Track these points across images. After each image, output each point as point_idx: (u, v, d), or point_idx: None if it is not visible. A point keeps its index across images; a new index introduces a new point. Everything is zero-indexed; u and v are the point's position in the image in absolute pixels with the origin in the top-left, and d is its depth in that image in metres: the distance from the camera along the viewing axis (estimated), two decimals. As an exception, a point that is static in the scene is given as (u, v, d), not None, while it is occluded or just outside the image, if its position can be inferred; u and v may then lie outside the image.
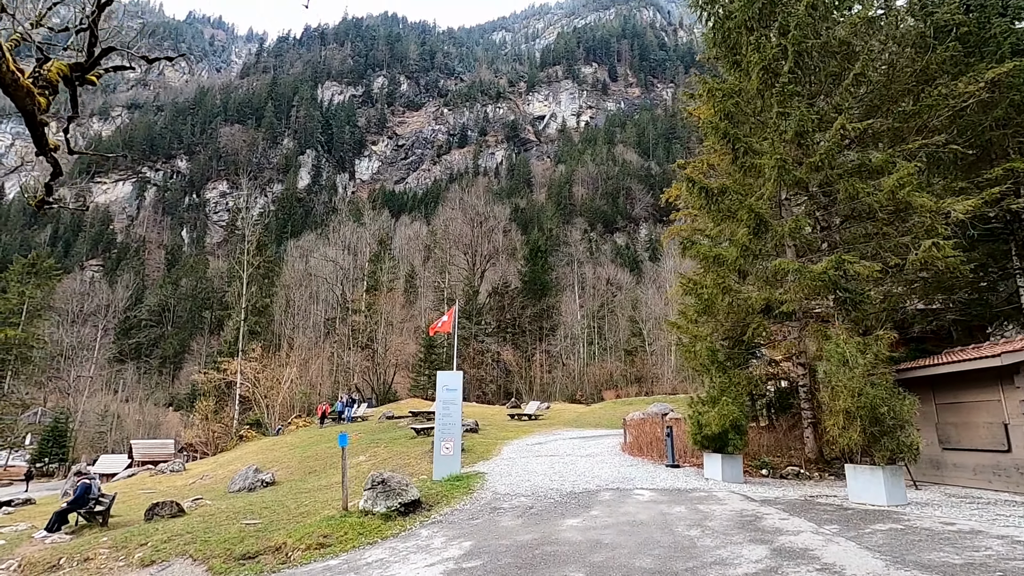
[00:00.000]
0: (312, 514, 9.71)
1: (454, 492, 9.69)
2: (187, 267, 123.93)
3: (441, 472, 10.78)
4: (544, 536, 7.00)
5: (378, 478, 8.91)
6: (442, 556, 6.63)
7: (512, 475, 11.16)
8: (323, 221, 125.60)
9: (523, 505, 8.76)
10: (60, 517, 12.31)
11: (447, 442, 10.89)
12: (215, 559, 8.19)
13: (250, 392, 35.92)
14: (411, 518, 8.57)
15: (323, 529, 8.28)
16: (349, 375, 50.52)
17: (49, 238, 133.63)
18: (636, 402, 37.56)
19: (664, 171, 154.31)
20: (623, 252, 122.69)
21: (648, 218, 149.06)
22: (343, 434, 9.86)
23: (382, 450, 18.05)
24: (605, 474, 11.14)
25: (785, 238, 12.16)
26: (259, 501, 12.82)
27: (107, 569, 8.86)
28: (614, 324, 64.14)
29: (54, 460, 40.06)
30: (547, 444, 17.93)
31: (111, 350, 71.13)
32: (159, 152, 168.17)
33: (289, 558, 7.70)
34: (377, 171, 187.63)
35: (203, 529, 9.94)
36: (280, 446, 25.55)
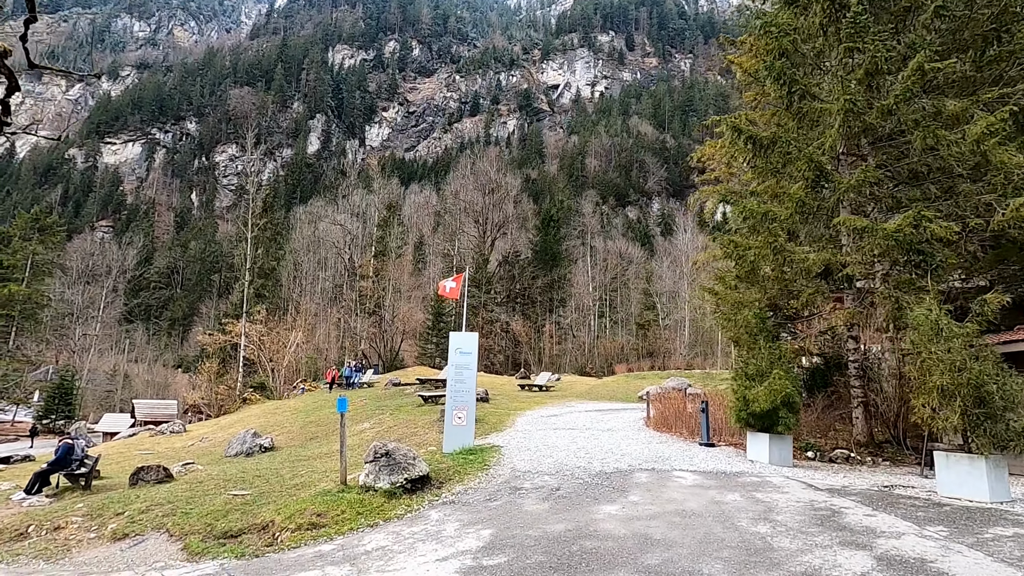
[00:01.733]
0: (307, 486, 8.61)
1: (468, 467, 8.53)
2: (196, 230, 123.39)
3: (452, 444, 9.64)
4: (579, 527, 5.80)
5: (381, 449, 7.75)
6: (456, 547, 5.47)
7: (531, 449, 10.00)
8: (332, 187, 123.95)
9: (548, 486, 7.58)
10: (40, 478, 11.40)
11: (460, 411, 9.71)
12: (193, 536, 7.11)
13: (255, 355, 35.15)
14: (419, 496, 7.43)
15: (317, 506, 7.16)
16: (356, 341, 49.78)
17: (60, 197, 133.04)
18: (650, 376, 36.42)
19: (680, 144, 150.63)
20: (635, 226, 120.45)
21: (661, 192, 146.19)
22: (342, 398, 8.70)
23: (387, 417, 17.03)
24: (634, 451, 9.95)
25: (847, 193, 10.64)
26: (253, 468, 11.83)
27: (75, 541, 7.84)
28: (626, 297, 62.78)
29: (60, 417, 39.85)
30: (563, 416, 16.82)
31: (120, 310, 70.90)
32: (168, 113, 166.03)
33: (276, 539, 6.59)
34: (387, 138, 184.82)
35: (187, 499, 8.91)
36: (283, 410, 24.74)
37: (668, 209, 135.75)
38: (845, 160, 11.70)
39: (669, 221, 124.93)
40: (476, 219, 58.93)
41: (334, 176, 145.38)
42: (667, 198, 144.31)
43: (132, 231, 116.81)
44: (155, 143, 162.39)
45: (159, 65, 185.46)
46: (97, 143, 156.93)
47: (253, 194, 42.10)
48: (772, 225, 10.92)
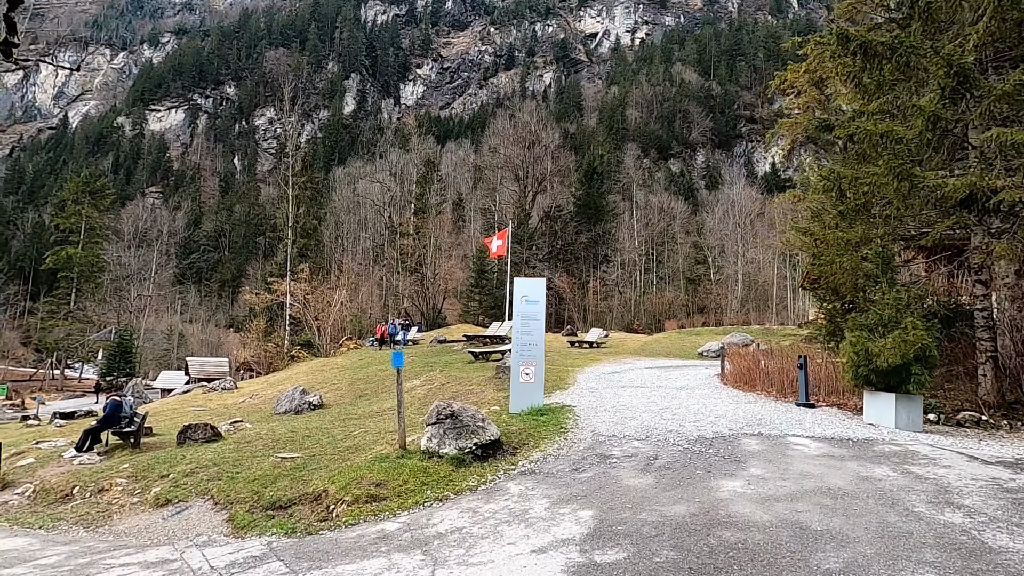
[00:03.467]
0: (361, 450, 7.69)
1: (542, 430, 7.42)
2: (240, 194, 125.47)
3: (520, 404, 8.54)
4: (704, 510, 4.59)
5: (445, 410, 6.68)
6: (554, 534, 4.35)
7: (608, 410, 8.81)
8: (369, 148, 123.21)
9: (642, 453, 6.38)
10: (90, 435, 10.99)
11: (527, 366, 8.56)
12: (239, 505, 6.28)
13: (300, 313, 35.17)
14: (491, 465, 6.36)
15: (375, 474, 6.18)
16: (398, 300, 49.58)
17: (111, 165, 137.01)
18: (704, 332, 34.72)
19: (726, 92, 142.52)
20: (678, 180, 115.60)
21: (706, 143, 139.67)
22: (398, 352, 7.64)
23: (438, 374, 16.18)
24: (726, 412, 8.64)
25: (998, 103, 8.64)
26: (303, 427, 11.12)
27: (117, 506, 7.17)
28: (672, 252, 60.26)
29: (122, 374, 41.38)
30: (625, 374, 15.59)
31: (172, 272, 73.09)
32: (208, 78, 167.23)
33: (330, 513, 5.65)
34: (422, 96, 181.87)
35: (233, 461, 8.17)
36: (330, 367, 24.43)
37: (713, 161, 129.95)
38: (990, 65, 9.60)
39: (715, 174, 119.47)
40: (516, 174, 56.96)
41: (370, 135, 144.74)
42: (712, 149, 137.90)
43: (180, 196, 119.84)
44: (197, 109, 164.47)
45: (196, 30, 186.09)
46: (143, 111, 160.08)
47: (292, 152, 41.46)
48: (897, 147, 9.04)
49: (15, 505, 8.19)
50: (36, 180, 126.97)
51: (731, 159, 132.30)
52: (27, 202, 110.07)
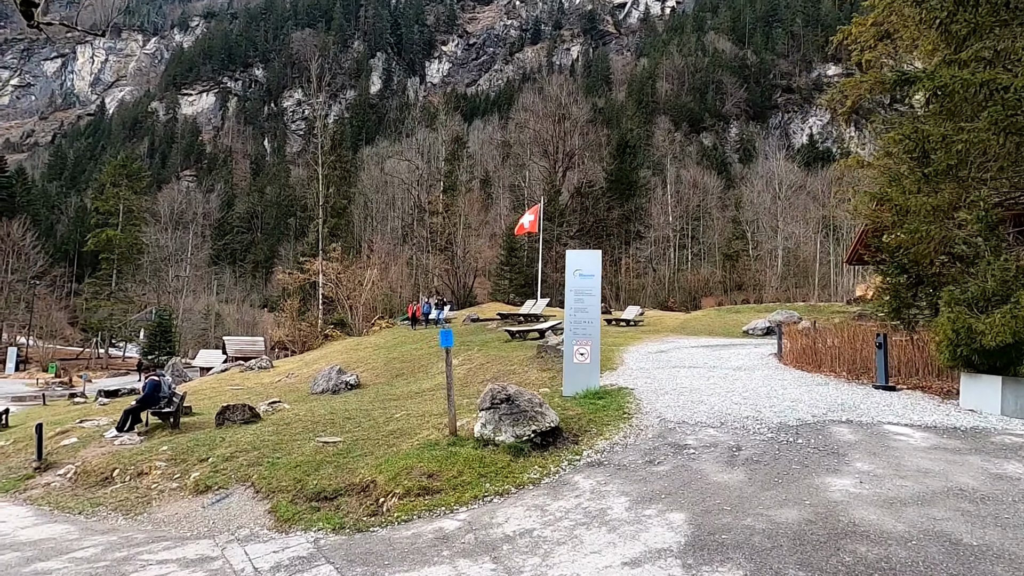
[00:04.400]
0: (406, 434, 7.19)
1: (602, 416, 6.77)
2: (270, 175, 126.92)
3: (574, 386, 7.91)
4: (819, 514, 3.90)
5: (500, 393, 6.09)
6: (645, 542, 3.72)
7: (669, 392, 8.12)
8: (396, 127, 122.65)
9: (720, 443, 5.69)
10: (130, 415, 10.85)
11: (582, 346, 7.90)
12: (281, 495, 5.84)
13: (333, 293, 35.20)
14: (553, 455, 5.76)
15: (426, 463, 5.65)
16: (429, 279, 49.37)
17: (147, 150, 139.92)
18: (744, 310, 33.47)
19: (762, 61, 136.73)
20: (710, 153, 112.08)
21: (740, 115, 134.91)
22: (447, 331, 7.06)
23: (476, 354, 15.69)
24: (801, 396, 7.85)
25: None
26: (342, 408, 10.75)
27: (156, 491, 6.85)
28: (708, 227, 58.42)
29: (163, 353, 42.42)
30: (672, 353, 14.81)
31: (208, 253, 74.52)
32: (236, 61, 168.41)
33: (380, 506, 5.14)
34: (448, 73, 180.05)
35: (273, 444, 7.79)
36: (364, 346, 24.26)
37: (748, 133, 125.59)
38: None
39: (749, 146, 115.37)
40: (545, 149, 55.67)
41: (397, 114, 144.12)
42: (746, 121, 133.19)
43: (213, 179, 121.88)
44: (227, 92, 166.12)
45: (224, 13, 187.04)
46: (175, 95, 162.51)
47: (320, 131, 41.17)
48: (1006, 96, 7.92)
49: (57, 487, 8.01)
50: (77, 165, 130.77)
51: (766, 131, 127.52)
52: (69, 187, 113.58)
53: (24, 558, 4.96)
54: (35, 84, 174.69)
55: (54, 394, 26.96)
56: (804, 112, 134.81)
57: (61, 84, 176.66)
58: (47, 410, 20.08)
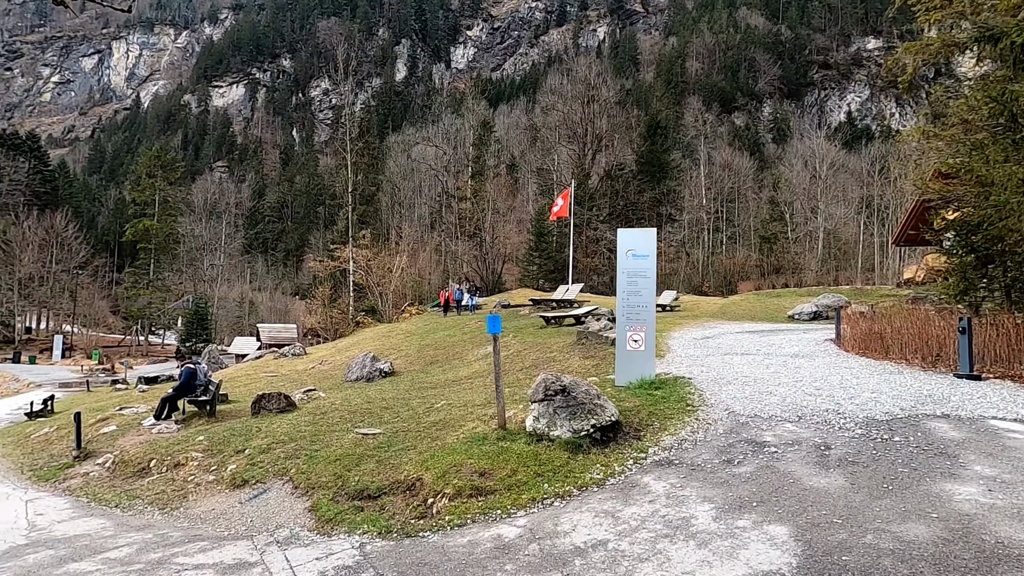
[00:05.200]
0: (449, 426, 6.75)
1: (663, 408, 6.20)
2: (299, 165, 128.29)
3: (627, 375, 7.34)
4: (953, 531, 3.30)
5: (555, 384, 5.57)
6: (747, 562, 3.19)
7: (728, 381, 7.49)
8: (422, 114, 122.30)
9: (803, 440, 5.07)
10: (167, 404, 10.73)
11: (636, 332, 7.31)
12: (321, 491, 5.47)
13: (363, 280, 35.20)
14: (615, 452, 5.23)
15: (476, 460, 5.19)
16: (457, 265, 49.12)
17: (181, 142, 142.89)
18: (785, 294, 32.29)
19: (797, 36, 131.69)
20: (742, 134, 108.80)
21: (773, 94, 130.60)
22: (493, 316, 6.55)
23: (512, 340, 15.22)
24: (879, 387, 7.12)
25: None
26: (378, 396, 10.42)
27: (193, 484, 6.58)
28: (743, 209, 56.57)
29: (199, 340, 43.31)
30: (716, 339, 14.09)
31: (240, 242, 75.85)
32: (265, 52, 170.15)
33: (429, 508, 4.70)
34: (473, 58, 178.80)
35: (311, 435, 7.46)
36: (396, 333, 24.08)
37: (782, 112, 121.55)
38: None
39: (783, 126, 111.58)
40: (574, 132, 54.44)
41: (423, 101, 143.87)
42: (780, 100, 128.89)
43: (244, 169, 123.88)
44: (256, 83, 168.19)
45: (252, 4, 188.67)
46: (206, 87, 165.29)
47: (349, 118, 41.02)
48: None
49: (95, 477, 7.86)
50: (115, 159, 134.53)
51: (801, 109, 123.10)
52: (108, 180, 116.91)
53: (57, 557, 4.69)
54: (74, 80, 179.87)
55: (97, 381, 27.62)
56: (842, 89, 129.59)
57: (98, 80, 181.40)
58: (90, 396, 20.46)
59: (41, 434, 11.67)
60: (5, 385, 29.28)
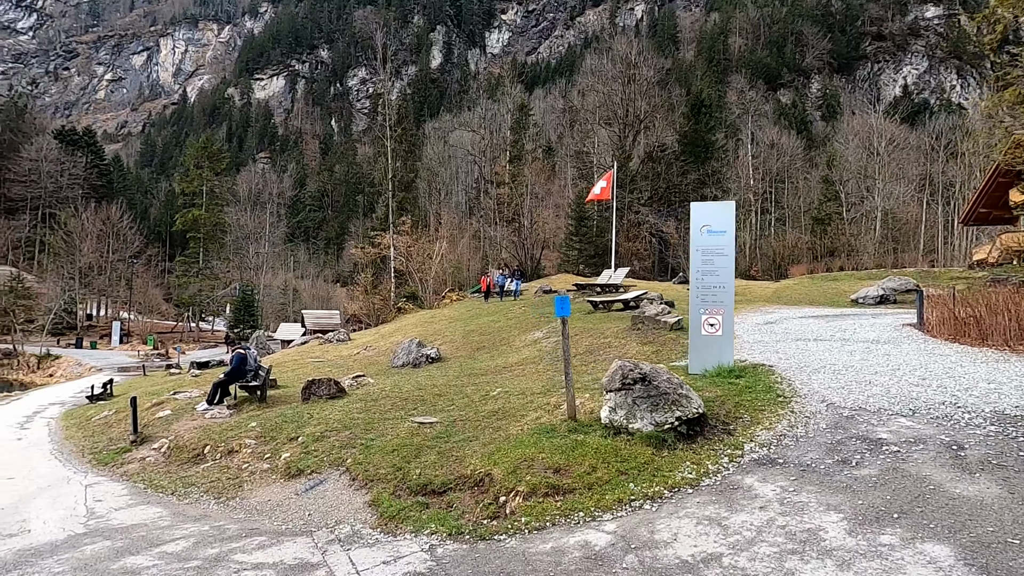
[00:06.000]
0: (510, 416, 6.31)
1: (750, 399, 5.58)
2: (338, 154, 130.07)
3: (702, 362, 6.72)
4: None
5: (633, 372, 5.04)
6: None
7: (817, 370, 6.78)
8: (458, 100, 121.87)
9: (927, 438, 4.39)
10: (219, 389, 10.70)
11: (712, 315, 6.67)
12: (381, 484, 5.11)
13: (404, 266, 35.23)
14: (704, 447, 4.67)
15: (548, 454, 4.72)
16: (496, 251, 48.74)
17: (225, 135, 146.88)
18: (843, 278, 30.61)
19: (847, 6, 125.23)
20: (788, 112, 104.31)
21: (823, 68, 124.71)
22: (562, 297, 6.03)
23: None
24: (997, 377, 6.31)
25: None
26: (428, 382, 10.11)
27: (247, 473, 6.37)
28: (794, 189, 54.07)
29: (247, 327, 44.46)
30: (780, 324, 13.23)
31: (284, 231, 77.55)
32: (303, 43, 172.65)
33: (502, 508, 4.27)
34: (508, 43, 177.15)
35: (364, 423, 7.16)
36: (439, 319, 23.88)
37: (831, 88, 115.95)
38: None
39: (832, 102, 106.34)
40: (614, 113, 52.94)
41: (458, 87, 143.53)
42: (830, 75, 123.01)
43: (285, 159, 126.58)
44: (295, 74, 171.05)
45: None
46: (248, 80, 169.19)
47: (387, 104, 40.93)
48: None
49: (151, 463, 7.80)
50: (165, 152, 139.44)
51: (852, 84, 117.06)
52: (159, 172, 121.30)
53: (114, 549, 4.49)
54: (125, 77, 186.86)
55: (152, 365, 28.57)
56: (897, 61, 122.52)
57: (148, 76, 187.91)
58: (146, 380, 21.05)
59: (101, 417, 11.88)
60: (70, 368, 30.69)
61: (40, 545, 4.70)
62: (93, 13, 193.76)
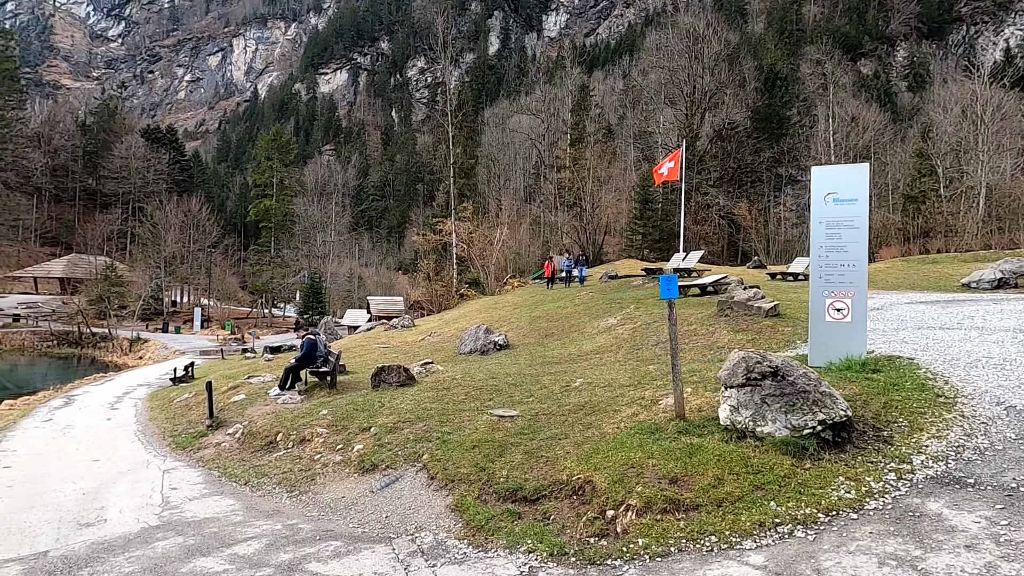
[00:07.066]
0: (600, 411, 5.63)
1: (903, 400, 4.62)
2: (399, 144, 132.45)
3: (826, 353, 5.76)
4: None
5: (761, 365, 4.22)
6: None
7: (972, 364, 5.69)
8: (515, 86, 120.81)
9: None
10: (290, 374, 10.62)
11: (839, 298, 5.69)
12: (464, 486, 4.57)
13: (465, 252, 35.07)
14: (856, 458, 3.81)
15: (659, 460, 4.01)
16: (557, 236, 47.84)
17: (293, 129, 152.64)
18: (943, 260, 27.72)
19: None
20: (870, 83, 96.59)
21: (910, 35, 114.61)
22: (667, 276, 5.23)
23: (636, 312, 13.81)
24: None
25: None
26: (500, 371, 9.56)
27: (320, 464, 6.04)
28: (879, 167, 49.74)
29: (315, 313, 45.94)
30: (890, 310, 11.83)
31: (348, 220, 79.85)
32: (364, 36, 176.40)
33: (612, 524, 3.60)
34: (565, 25, 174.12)
35: (438, 414, 6.68)
36: (502, 305, 23.42)
37: (920, 55, 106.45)
38: None
39: (921, 71, 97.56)
40: (681, 90, 50.45)
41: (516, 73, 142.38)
42: (918, 41, 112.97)
43: (349, 151, 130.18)
44: (357, 67, 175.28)
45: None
46: (314, 75, 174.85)
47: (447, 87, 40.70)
48: None
49: (226, 448, 7.69)
50: (239, 147, 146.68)
51: (944, 50, 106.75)
52: (234, 167, 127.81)
53: (185, 548, 4.19)
54: (203, 78, 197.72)
55: (230, 349, 29.85)
56: (998, 22, 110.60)
57: (222, 75, 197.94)
58: (224, 364, 21.86)
59: (182, 400, 12.16)
60: (157, 352, 32.63)
61: (113, 539, 4.48)
62: (173, 18, 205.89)
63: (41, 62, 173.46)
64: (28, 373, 30.05)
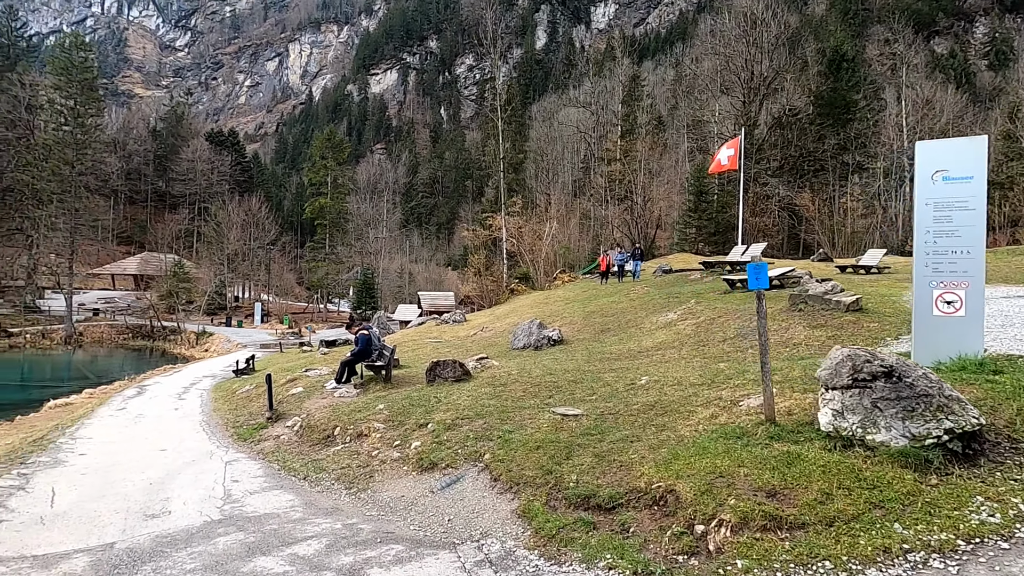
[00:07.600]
0: (673, 411, 5.20)
1: (1036, 405, 3.96)
2: (448, 141, 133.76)
3: (934, 351, 5.11)
4: None
5: (870, 364, 3.70)
6: None
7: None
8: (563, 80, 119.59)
9: None
10: (346, 367, 10.65)
11: (951, 288, 5.04)
12: (530, 490, 4.26)
13: (514, 247, 34.83)
14: (992, 474, 3.26)
15: (752, 469, 3.57)
16: (608, 230, 46.89)
17: (346, 129, 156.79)
18: (1037, 252, 25.28)
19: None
20: (944, 63, 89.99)
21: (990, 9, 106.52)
22: (756, 264, 4.74)
23: (697, 306, 13.14)
24: None
25: None
26: (557, 367, 9.21)
27: (378, 461, 5.88)
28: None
29: (368, 308, 46.97)
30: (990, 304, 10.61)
31: (399, 217, 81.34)
32: (413, 36, 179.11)
33: (702, 541, 3.20)
34: (614, 15, 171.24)
35: (497, 411, 6.42)
36: (553, 300, 23.03)
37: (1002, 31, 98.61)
38: None
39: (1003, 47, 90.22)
40: (738, 76, 48.32)
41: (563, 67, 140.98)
42: (1000, 15, 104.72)
43: (399, 149, 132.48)
44: (407, 67, 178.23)
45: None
46: (365, 76, 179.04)
47: (496, 84, 40.55)
48: None
49: (285, 441, 7.71)
50: (295, 148, 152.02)
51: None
52: (291, 167, 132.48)
53: (245, 545, 4.08)
54: (261, 83, 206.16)
55: (288, 343, 30.80)
56: None
57: (279, 80, 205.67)
58: (282, 357, 22.50)
59: (243, 391, 12.46)
60: (221, 344, 34.07)
61: (176, 532, 4.44)
62: (234, 26, 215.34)
63: (116, 73, 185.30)
64: (107, 364, 32.03)
